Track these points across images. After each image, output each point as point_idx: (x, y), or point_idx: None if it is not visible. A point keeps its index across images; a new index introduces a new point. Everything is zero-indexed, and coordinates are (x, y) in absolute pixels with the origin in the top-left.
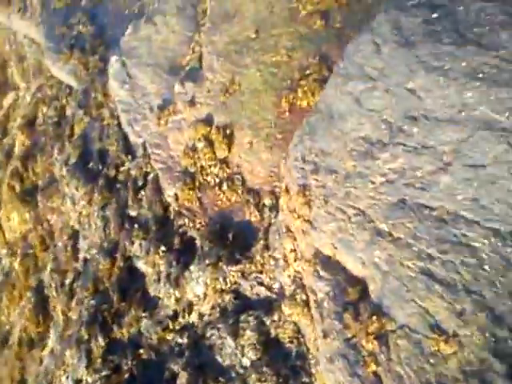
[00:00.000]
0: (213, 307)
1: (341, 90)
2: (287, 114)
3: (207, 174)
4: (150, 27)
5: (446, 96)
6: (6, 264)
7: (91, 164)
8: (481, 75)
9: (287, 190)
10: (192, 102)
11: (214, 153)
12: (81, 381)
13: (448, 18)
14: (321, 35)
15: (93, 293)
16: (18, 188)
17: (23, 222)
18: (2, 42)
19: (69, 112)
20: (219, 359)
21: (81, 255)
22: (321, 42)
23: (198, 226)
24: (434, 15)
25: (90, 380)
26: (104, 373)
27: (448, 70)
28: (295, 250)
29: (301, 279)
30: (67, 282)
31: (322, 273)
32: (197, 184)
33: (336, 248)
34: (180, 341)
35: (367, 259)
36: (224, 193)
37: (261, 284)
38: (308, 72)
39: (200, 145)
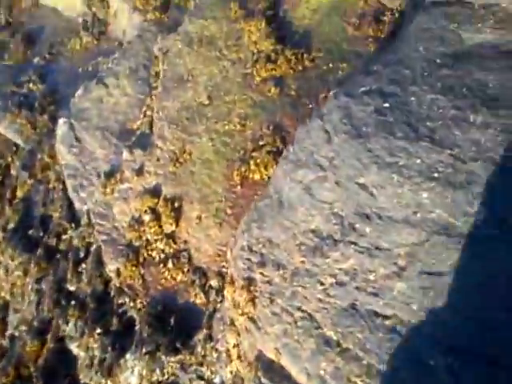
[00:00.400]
0: None
1: (291, 176)
2: (239, 187)
3: (152, 250)
4: (101, 88)
5: (400, 195)
6: None
7: (31, 231)
8: (436, 175)
9: (232, 281)
10: (140, 171)
11: (161, 227)
12: None
13: (400, 108)
14: (275, 104)
15: (13, 379)
16: None
17: None
18: None
19: (13, 172)
20: None
21: (8, 331)
22: (275, 110)
23: (139, 305)
24: (386, 104)
25: None
26: None
27: (402, 167)
28: (238, 346)
29: (242, 380)
30: None
31: (263, 380)
32: (141, 259)
33: (280, 353)
34: None
35: (312, 371)
36: (169, 270)
37: (201, 378)
38: (261, 143)
39: (146, 217)
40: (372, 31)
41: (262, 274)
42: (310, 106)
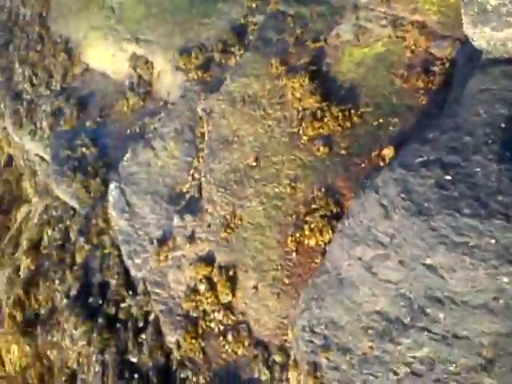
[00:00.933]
0: None
1: (348, 253)
2: (294, 254)
3: (210, 321)
4: (148, 152)
5: (474, 279)
6: None
7: (91, 298)
8: None
9: (296, 364)
10: (192, 238)
11: (217, 297)
12: None
13: (464, 181)
14: (325, 164)
15: None
16: (18, 318)
17: (23, 355)
18: (18, 157)
19: (72, 236)
20: None
21: None
22: (326, 171)
23: (201, 381)
24: (447, 177)
25: None
26: None
27: (474, 248)
28: None
29: None
30: None
31: None
32: (200, 331)
33: None
34: None
35: None
36: (229, 344)
37: None
38: (314, 206)
39: (202, 287)
40: (422, 83)
41: (327, 358)
42: (363, 165)
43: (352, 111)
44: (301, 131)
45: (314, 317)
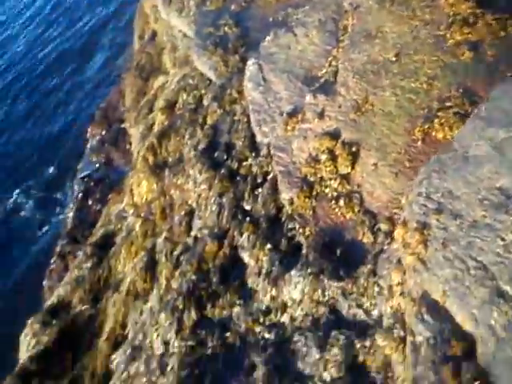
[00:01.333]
0: (306, 315)
1: (479, 134)
2: (420, 143)
3: (326, 186)
4: (290, 36)
5: None
6: (131, 222)
7: (217, 153)
8: None
9: (405, 223)
10: (321, 115)
11: (336, 167)
12: (168, 343)
13: None
14: (467, 67)
15: (195, 270)
16: (150, 160)
17: (150, 191)
18: (162, 33)
19: (205, 102)
20: (300, 365)
21: (193, 233)
22: (467, 74)
23: (307, 233)
24: None
25: (176, 344)
26: (190, 343)
27: None
28: (402, 284)
29: (402, 314)
30: (176, 252)
31: (426, 316)
32: (314, 193)
33: (448, 296)
34: (267, 336)
35: (481, 319)
36: (340, 208)
37: (359, 306)
38: (448, 104)
39: (323, 157)
40: None
41: (437, 220)
42: (508, 73)
43: (508, 21)
44: (448, 35)
45: (433, 186)
